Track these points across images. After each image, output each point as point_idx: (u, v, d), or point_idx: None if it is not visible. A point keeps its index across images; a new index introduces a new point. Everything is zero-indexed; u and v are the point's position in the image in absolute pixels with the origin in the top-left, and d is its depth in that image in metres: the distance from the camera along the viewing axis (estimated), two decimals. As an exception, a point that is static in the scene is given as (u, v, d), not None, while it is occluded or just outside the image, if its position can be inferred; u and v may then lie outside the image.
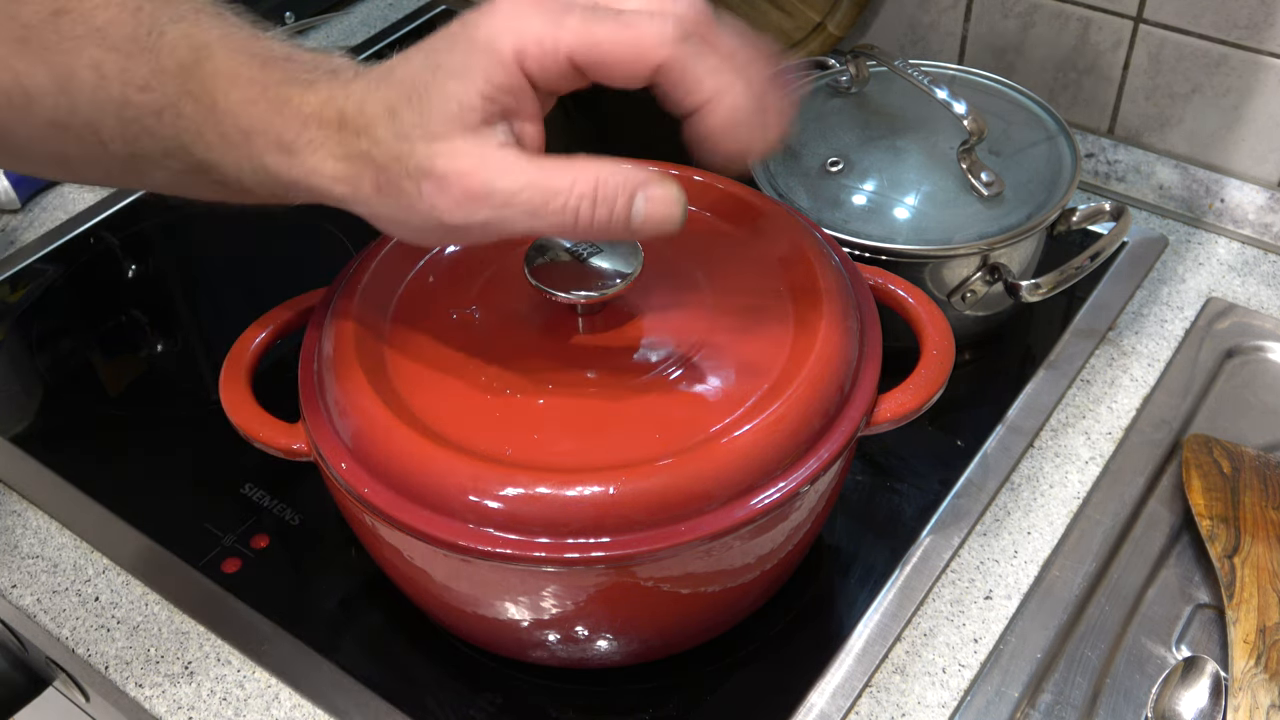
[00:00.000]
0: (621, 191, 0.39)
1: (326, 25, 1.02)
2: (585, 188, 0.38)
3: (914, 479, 0.61)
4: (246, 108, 0.41)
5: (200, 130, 0.42)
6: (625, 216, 0.39)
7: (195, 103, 0.41)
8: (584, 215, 0.38)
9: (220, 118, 0.41)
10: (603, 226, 0.39)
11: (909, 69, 0.66)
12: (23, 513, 0.63)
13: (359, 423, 0.46)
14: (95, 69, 0.42)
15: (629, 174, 0.39)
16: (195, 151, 0.42)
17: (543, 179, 0.38)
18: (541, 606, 0.47)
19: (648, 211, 0.39)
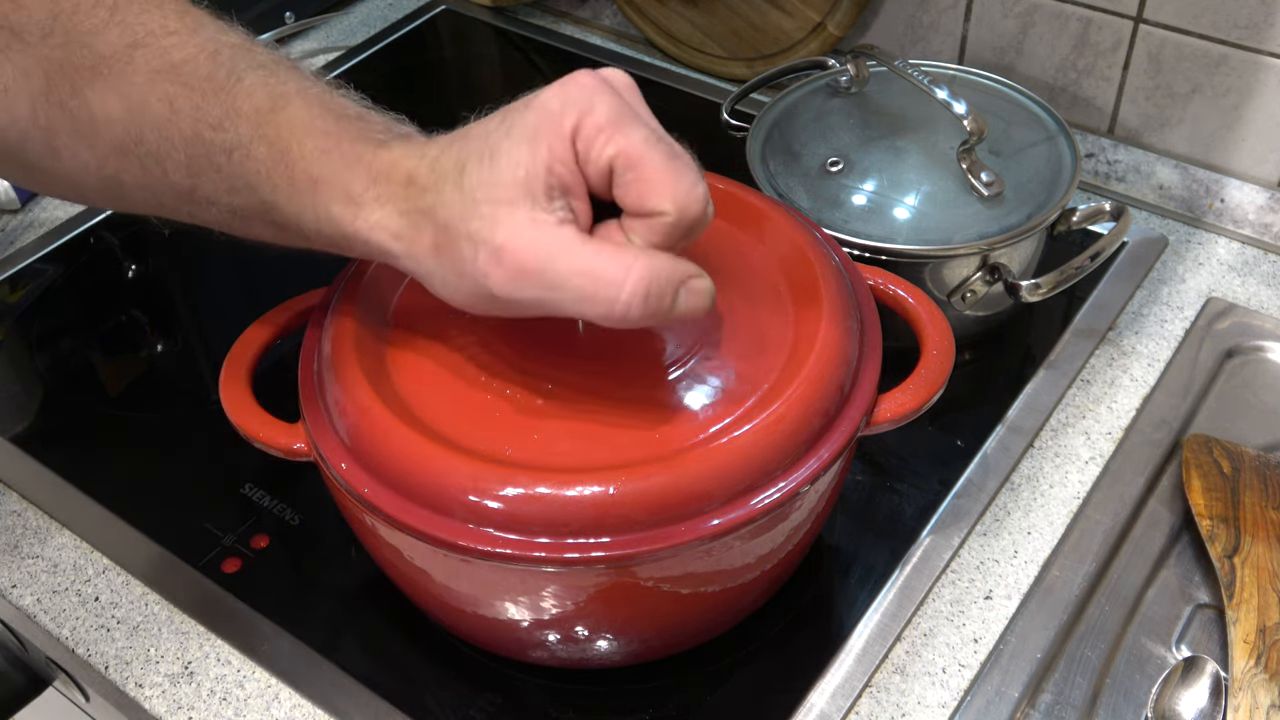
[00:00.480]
0: (669, 288, 0.40)
1: (326, 25, 1.02)
2: (638, 285, 0.39)
3: (914, 479, 0.61)
4: (319, 157, 0.42)
5: (270, 173, 0.43)
6: (668, 309, 0.40)
7: (269, 146, 0.42)
8: (634, 310, 0.39)
9: (292, 164, 0.42)
10: (646, 318, 0.40)
11: (909, 69, 0.66)
12: (23, 513, 0.63)
13: (359, 423, 0.46)
14: (168, 103, 0.43)
15: (675, 268, 0.40)
16: (261, 193, 0.43)
17: (598, 268, 0.39)
18: (541, 606, 0.47)
19: (686, 303, 0.40)
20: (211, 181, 0.43)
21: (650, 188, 0.40)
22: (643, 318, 0.40)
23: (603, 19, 0.99)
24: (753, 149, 0.68)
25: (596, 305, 0.39)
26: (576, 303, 0.39)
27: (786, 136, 0.69)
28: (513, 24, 1.01)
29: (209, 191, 0.44)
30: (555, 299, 0.40)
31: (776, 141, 0.69)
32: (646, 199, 0.40)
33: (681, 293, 0.40)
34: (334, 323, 0.50)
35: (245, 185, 0.43)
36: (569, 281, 0.39)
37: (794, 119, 0.70)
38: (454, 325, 0.50)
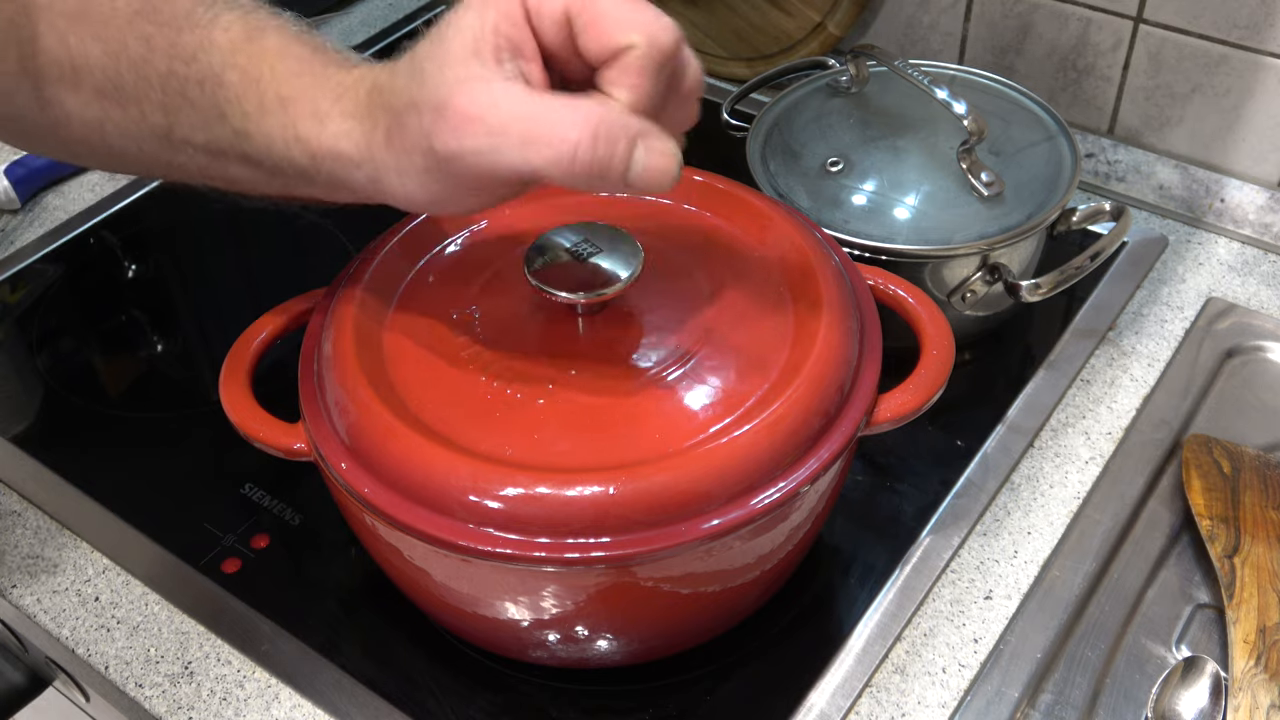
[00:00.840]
0: (623, 135, 0.38)
1: (326, 25, 1.02)
2: (587, 125, 0.37)
3: (914, 479, 0.61)
4: (290, 79, 0.42)
5: (240, 98, 0.43)
6: (624, 163, 0.38)
7: (240, 73, 0.43)
8: (582, 154, 0.37)
9: (263, 87, 0.42)
10: (599, 169, 0.38)
11: (909, 69, 0.66)
12: (23, 513, 0.63)
13: (359, 423, 0.46)
14: (145, 41, 0.43)
15: (632, 120, 0.38)
16: (232, 120, 0.43)
17: (543, 111, 0.38)
18: (541, 606, 0.47)
19: (647, 162, 0.38)
20: (186, 118, 0.44)
21: (611, 23, 0.38)
22: (594, 170, 0.37)
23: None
24: (753, 149, 0.68)
25: (542, 149, 0.37)
26: (522, 147, 0.37)
27: (786, 136, 0.69)
28: (513, 24, 1.00)
29: (184, 130, 0.44)
30: (499, 145, 0.38)
31: (776, 141, 0.69)
32: (610, 34, 0.38)
33: (640, 148, 0.38)
34: (334, 323, 0.50)
35: (217, 115, 0.43)
36: (512, 126, 0.37)
37: (794, 119, 0.70)
38: (454, 325, 0.50)
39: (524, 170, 0.38)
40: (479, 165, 0.39)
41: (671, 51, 0.39)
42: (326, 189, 0.45)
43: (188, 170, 0.46)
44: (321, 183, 0.44)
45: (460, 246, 0.54)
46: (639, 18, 0.38)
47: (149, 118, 0.44)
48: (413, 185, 0.41)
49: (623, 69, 0.38)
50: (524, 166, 0.38)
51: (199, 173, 0.46)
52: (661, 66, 0.39)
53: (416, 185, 0.41)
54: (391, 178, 0.41)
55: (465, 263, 0.53)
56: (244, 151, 0.44)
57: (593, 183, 0.38)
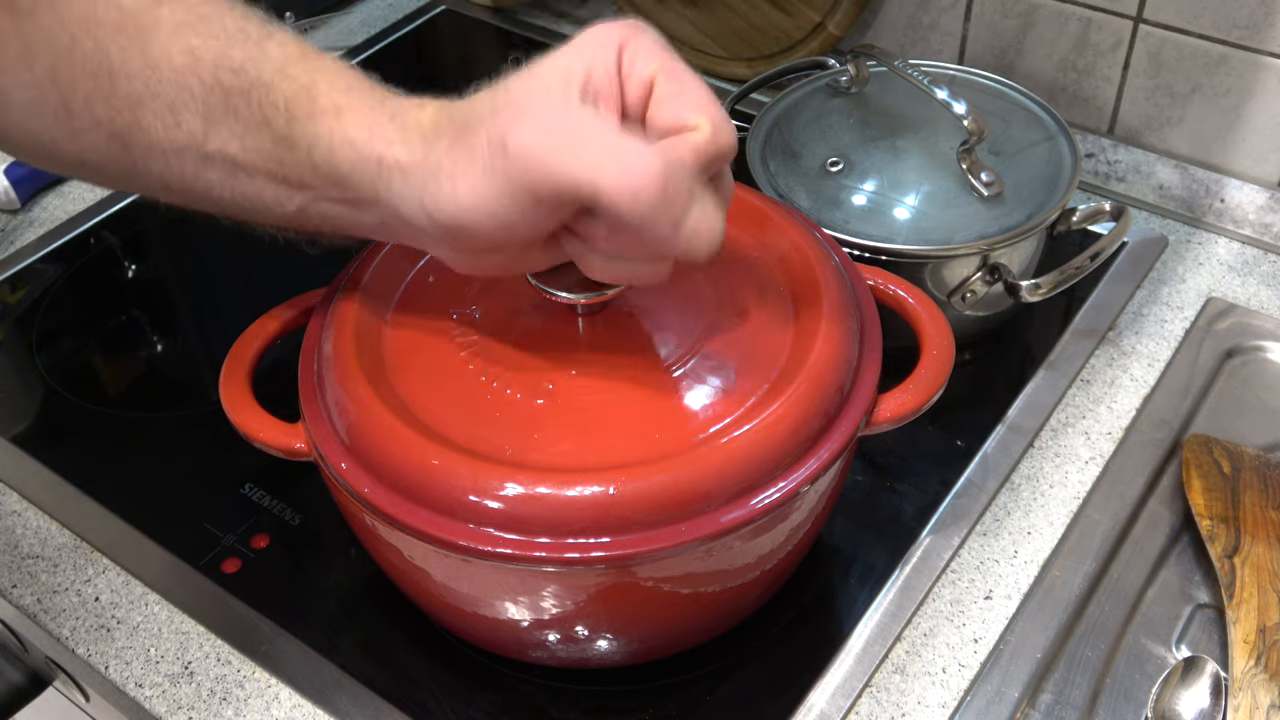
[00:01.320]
0: (691, 188, 0.38)
1: (326, 25, 1.02)
2: (661, 162, 0.37)
3: (914, 479, 0.61)
4: (346, 91, 0.42)
5: (289, 104, 0.42)
6: (683, 213, 0.38)
7: (293, 83, 0.42)
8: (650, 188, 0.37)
9: (317, 94, 0.42)
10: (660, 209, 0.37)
11: (909, 69, 0.66)
12: (23, 513, 0.63)
13: (359, 423, 0.46)
14: (190, 53, 0.43)
15: (698, 181, 0.39)
16: (275, 125, 0.43)
17: (622, 139, 0.38)
18: (541, 606, 0.47)
19: (699, 222, 0.39)
20: (225, 127, 0.43)
21: (688, 101, 0.40)
22: (658, 202, 0.37)
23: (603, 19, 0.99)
24: (753, 149, 0.68)
25: (615, 171, 0.37)
26: (595, 162, 0.37)
27: (786, 136, 0.69)
28: (513, 24, 1.01)
29: (219, 140, 0.43)
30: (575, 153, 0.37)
31: (776, 141, 0.69)
32: (683, 111, 0.40)
33: (697, 205, 0.38)
34: (334, 323, 0.50)
35: (260, 123, 0.43)
36: (592, 140, 0.37)
37: (794, 119, 0.70)
38: (454, 325, 0.50)
39: (588, 187, 0.37)
40: (547, 169, 0.38)
41: (726, 151, 0.40)
42: (353, 205, 0.44)
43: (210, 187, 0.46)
44: (354, 193, 0.43)
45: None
46: (712, 110, 0.40)
47: (184, 128, 0.44)
48: (464, 189, 0.40)
49: (683, 144, 0.39)
50: (590, 183, 0.37)
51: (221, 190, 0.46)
52: (715, 160, 0.40)
53: (468, 189, 0.40)
54: (442, 181, 0.40)
55: (465, 263, 0.53)
56: (279, 160, 0.43)
57: (646, 223, 0.38)
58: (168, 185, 0.46)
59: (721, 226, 0.40)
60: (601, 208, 0.38)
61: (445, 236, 0.42)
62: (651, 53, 0.41)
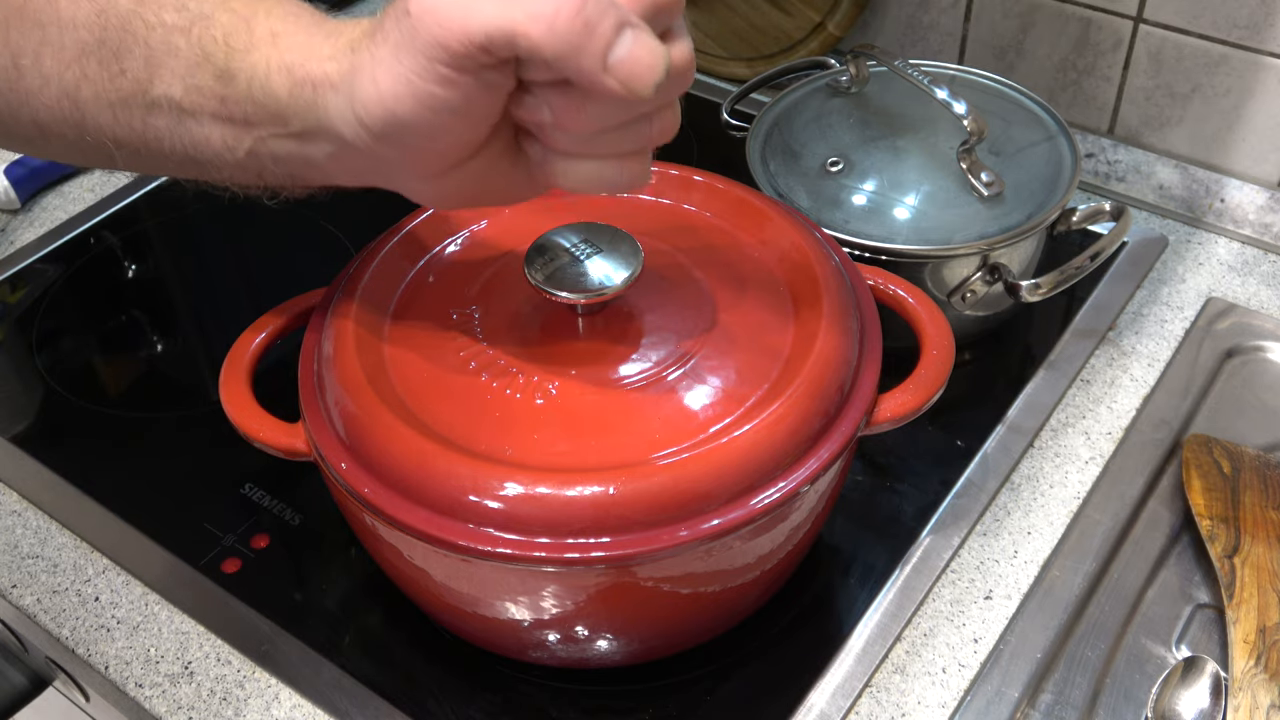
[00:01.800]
0: (613, 13, 0.35)
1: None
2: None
3: (914, 479, 0.61)
4: (284, 18, 0.42)
5: (228, 37, 0.42)
6: (608, 40, 0.35)
7: (232, 14, 0.42)
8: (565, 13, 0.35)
9: (255, 25, 0.41)
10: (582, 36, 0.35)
11: (909, 69, 0.66)
12: (23, 513, 0.63)
13: (359, 423, 0.46)
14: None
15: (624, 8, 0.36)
16: (215, 59, 0.42)
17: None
18: (541, 606, 0.47)
19: (633, 49, 0.36)
20: (168, 69, 0.43)
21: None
22: (576, 26, 0.35)
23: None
24: (753, 149, 0.68)
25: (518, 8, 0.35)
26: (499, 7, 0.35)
27: (786, 136, 0.69)
28: (513, 24, 1.00)
29: (164, 83, 0.43)
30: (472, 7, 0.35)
31: (776, 141, 0.69)
32: None
33: (627, 32, 0.35)
34: (334, 323, 0.50)
35: (201, 59, 0.42)
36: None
37: (794, 119, 0.70)
38: (454, 325, 0.50)
39: (502, 28, 0.35)
40: (453, 21, 0.36)
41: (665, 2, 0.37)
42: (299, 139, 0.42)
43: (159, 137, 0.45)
44: (296, 124, 0.42)
45: (460, 246, 0.54)
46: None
47: (129, 74, 0.43)
48: (384, 79, 0.38)
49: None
50: (503, 22, 0.35)
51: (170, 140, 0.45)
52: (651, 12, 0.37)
53: (388, 77, 0.38)
54: (365, 80, 0.38)
55: (465, 263, 0.53)
56: (221, 96, 0.42)
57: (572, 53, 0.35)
58: (118, 139, 0.45)
59: (663, 59, 0.36)
60: (523, 52, 0.36)
61: (388, 146, 0.40)
62: None
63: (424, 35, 0.36)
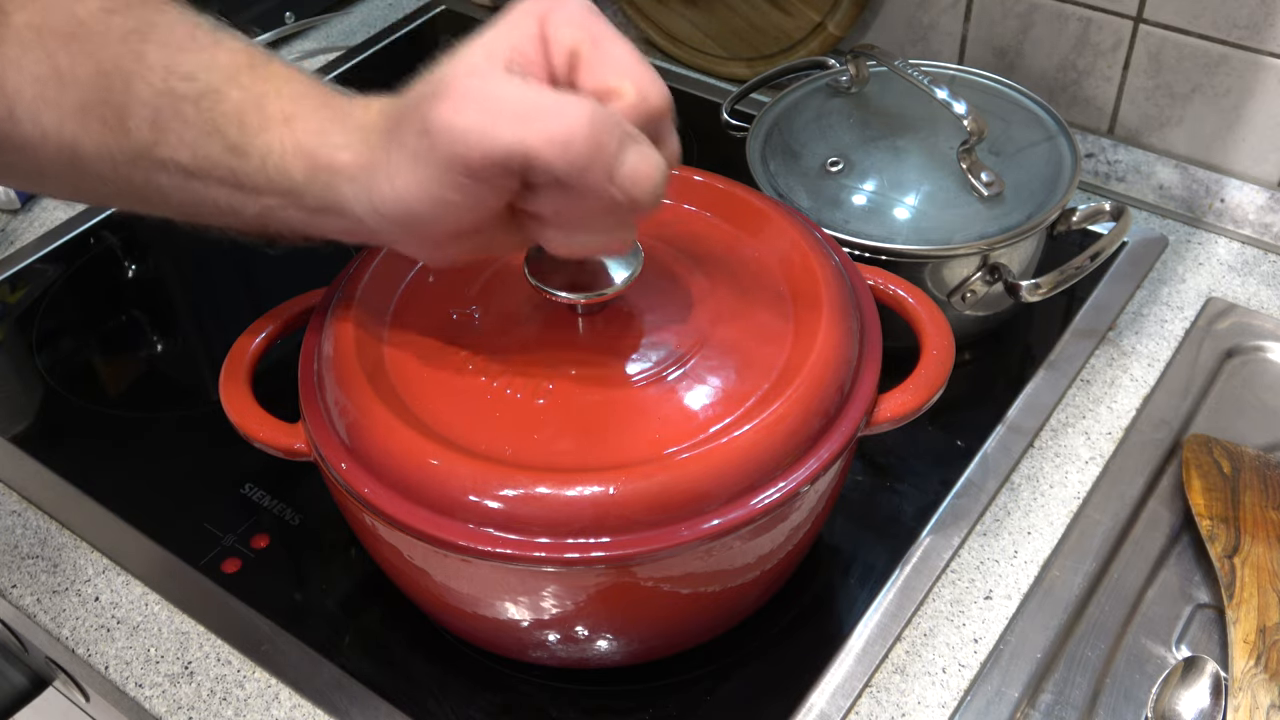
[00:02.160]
0: (618, 131, 0.38)
1: (326, 25, 1.02)
2: (584, 112, 0.37)
3: (914, 479, 0.61)
4: (296, 99, 0.42)
5: (240, 113, 0.42)
6: (616, 157, 0.38)
7: (244, 91, 0.43)
8: (579, 137, 0.37)
9: (267, 103, 0.42)
10: (593, 156, 0.37)
11: (909, 69, 0.66)
12: (23, 513, 0.63)
13: (359, 423, 0.46)
14: (140, 59, 0.43)
15: (625, 123, 0.39)
16: (227, 136, 0.43)
17: (543, 96, 0.38)
18: (541, 606, 0.47)
19: (637, 164, 0.38)
20: (175, 134, 0.43)
21: (612, 66, 0.40)
22: (587, 149, 0.37)
23: (603, 19, 0.99)
24: (753, 149, 0.68)
25: (540, 128, 0.37)
26: (519, 124, 0.37)
27: (786, 136, 0.69)
28: (513, 24, 1.00)
29: (170, 148, 0.43)
30: (497, 121, 0.37)
31: (776, 141, 0.69)
32: (607, 77, 0.40)
33: (631, 148, 0.38)
34: (334, 323, 0.50)
35: (211, 131, 0.43)
36: (511, 105, 0.38)
37: (794, 119, 0.70)
38: (454, 325, 0.50)
39: (518, 149, 0.37)
40: (471, 141, 0.38)
41: (657, 112, 0.40)
42: (312, 213, 0.44)
43: (164, 192, 0.45)
44: (311, 202, 0.43)
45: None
46: (637, 71, 0.40)
47: (133, 134, 0.43)
48: (401, 181, 0.40)
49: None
50: (518, 145, 0.37)
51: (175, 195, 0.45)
52: (645, 122, 0.40)
53: (405, 180, 0.40)
54: (381, 178, 0.41)
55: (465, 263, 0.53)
56: (231, 168, 0.43)
57: (581, 175, 0.38)
58: (119, 191, 0.46)
59: (662, 169, 0.39)
60: (536, 169, 0.38)
61: (401, 230, 0.43)
62: (575, 20, 0.40)
63: (443, 151, 0.39)
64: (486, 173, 0.39)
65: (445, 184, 0.39)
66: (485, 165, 0.38)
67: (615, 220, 0.42)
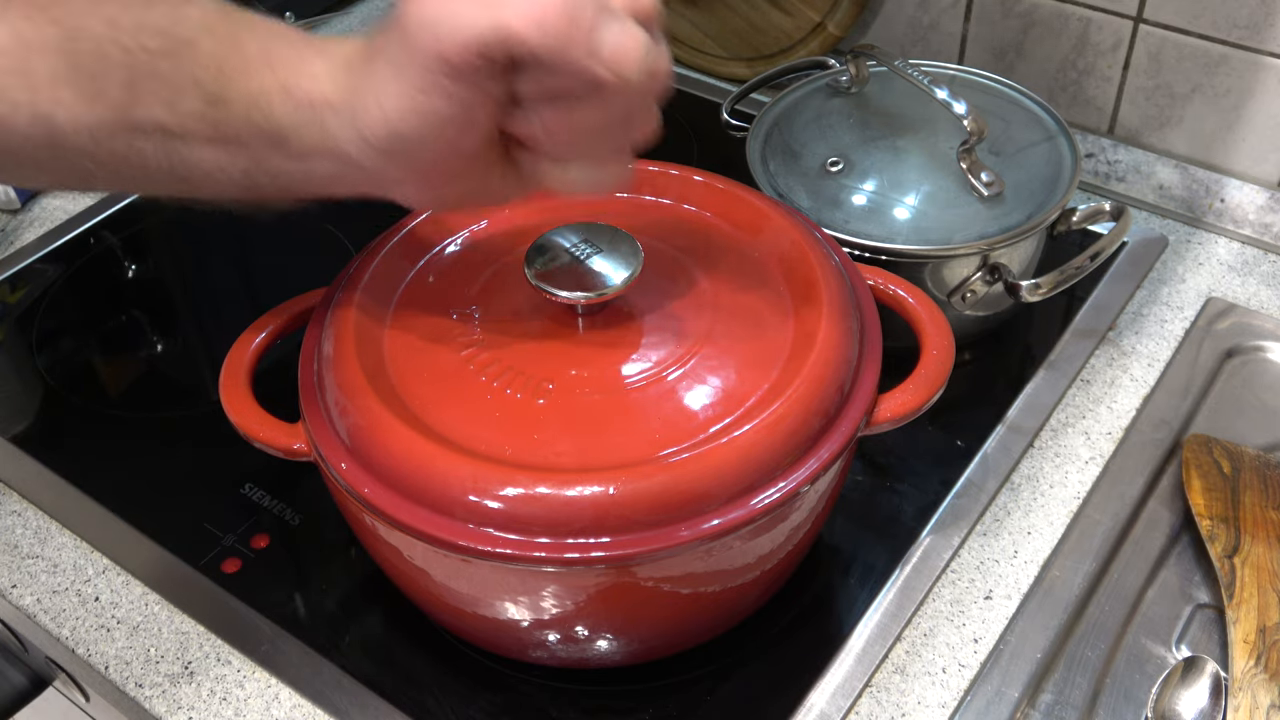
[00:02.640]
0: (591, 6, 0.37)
1: (326, 25, 1.02)
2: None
3: (914, 479, 0.61)
4: (273, 39, 0.42)
5: (218, 61, 0.41)
6: (594, 30, 0.37)
7: (217, 39, 0.42)
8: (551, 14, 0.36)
9: (246, 47, 0.41)
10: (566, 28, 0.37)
11: (909, 69, 0.66)
12: (23, 513, 0.63)
13: (359, 423, 0.46)
14: (108, 22, 0.42)
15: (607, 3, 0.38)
16: (205, 85, 0.42)
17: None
18: (541, 606, 0.47)
19: (619, 38, 0.37)
20: (152, 93, 0.42)
21: None
22: (562, 32, 0.36)
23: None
24: (753, 149, 0.68)
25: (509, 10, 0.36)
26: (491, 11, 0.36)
27: (786, 136, 0.69)
28: (513, 24, 1.00)
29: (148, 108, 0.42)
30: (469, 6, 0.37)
31: (776, 141, 0.69)
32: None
33: (611, 22, 0.37)
34: (334, 323, 0.50)
35: (190, 83, 0.42)
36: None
37: (794, 119, 0.70)
38: (454, 325, 0.50)
39: (493, 31, 0.37)
40: (448, 31, 0.37)
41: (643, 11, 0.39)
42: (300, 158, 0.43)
43: (145, 160, 0.44)
44: (298, 146, 0.42)
45: (460, 246, 0.54)
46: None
47: (109, 97, 0.42)
48: (387, 99, 0.39)
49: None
50: (493, 25, 0.36)
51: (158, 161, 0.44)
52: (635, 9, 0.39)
53: (390, 97, 0.39)
54: (368, 101, 0.40)
55: (465, 263, 0.53)
56: (215, 121, 0.42)
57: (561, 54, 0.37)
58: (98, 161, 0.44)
59: (643, 43, 0.38)
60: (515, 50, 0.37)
61: (392, 163, 0.41)
62: None
63: (422, 50, 0.37)
64: (467, 66, 0.37)
65: (430, 88, 0.38)
66: (464, 56, 0.37)
67: (605, 139, 0.41)
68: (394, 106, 0.39)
